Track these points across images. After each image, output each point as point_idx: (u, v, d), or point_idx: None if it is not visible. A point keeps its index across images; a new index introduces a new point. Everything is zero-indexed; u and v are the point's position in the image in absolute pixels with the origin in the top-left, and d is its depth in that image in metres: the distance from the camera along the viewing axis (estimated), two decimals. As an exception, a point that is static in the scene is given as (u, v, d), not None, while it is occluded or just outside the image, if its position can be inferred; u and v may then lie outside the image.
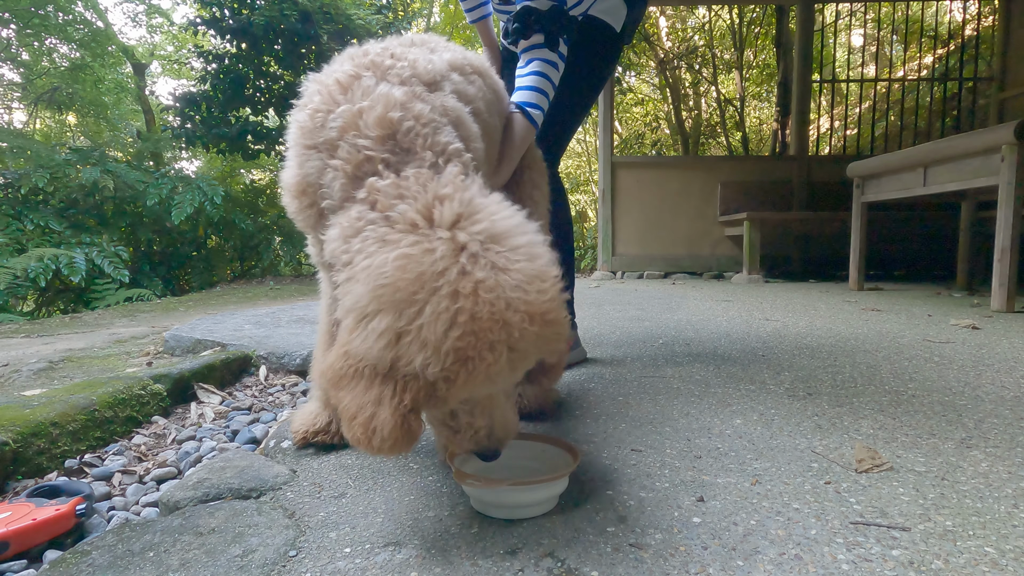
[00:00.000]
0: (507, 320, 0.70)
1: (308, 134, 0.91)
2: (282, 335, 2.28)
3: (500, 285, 0.71)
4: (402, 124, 0.85)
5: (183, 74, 12.63)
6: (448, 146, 0.87)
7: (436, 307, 0.69)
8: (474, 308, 0.69)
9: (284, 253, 7.86)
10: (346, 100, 0.88)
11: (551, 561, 0.74)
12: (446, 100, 0.96)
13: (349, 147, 0.85)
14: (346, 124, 0.86)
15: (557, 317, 0.74)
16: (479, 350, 0.69)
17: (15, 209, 5.49)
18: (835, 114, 7.45)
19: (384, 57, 0.96)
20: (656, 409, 1.38)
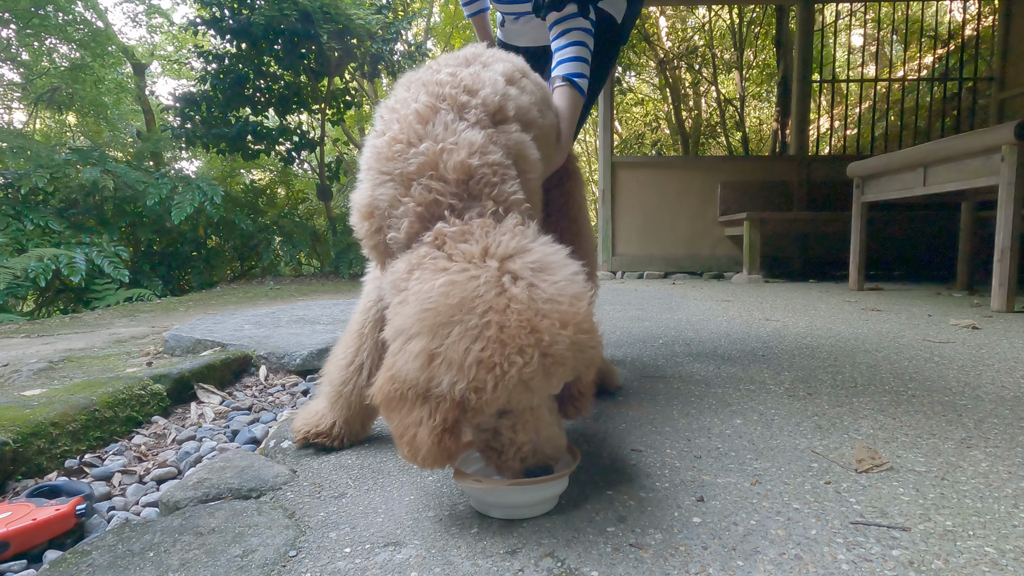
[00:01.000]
0: (536, 326, 0.74)
1: (385, 161, 0.94)
2: (282, 335, 2.28)
3: (533, 299, 0.76)
4: (477, 171, 0.91)
5: (183, 74, 12.63)
6: (511, 196, 0.94)
7: (464, 326, 0.74)
8: (502, 319, 0.74)
9: (284, 253, 7.85)
10: (426, 134, 0.93)
11: (551, 561, 0.74)
12: (511, 135, 1.02)
13: (423, 188, 0.90)
14: (427, 163, 0.91)
15: (590, 326, 0.79)
16: (507, 356, 0.73)
17: (15, 209, 5.48)
18: (835, 114, 7.45)
19: (458, 90, 1.00)
20: (656, 409, 1.38)
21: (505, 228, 0.86)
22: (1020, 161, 2.76)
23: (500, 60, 1.16)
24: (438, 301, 0.76)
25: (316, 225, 9.02)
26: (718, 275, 6.03)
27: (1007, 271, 2.87)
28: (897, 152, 3.64)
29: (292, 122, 8.28)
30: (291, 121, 8.22)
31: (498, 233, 0.85)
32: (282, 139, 7.71)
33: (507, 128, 1.03)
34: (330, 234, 8.17)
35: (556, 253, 0.86)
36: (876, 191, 3.93)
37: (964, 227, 4.05)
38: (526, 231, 0.88)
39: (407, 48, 8.70)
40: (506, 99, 1.05)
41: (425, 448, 0.78)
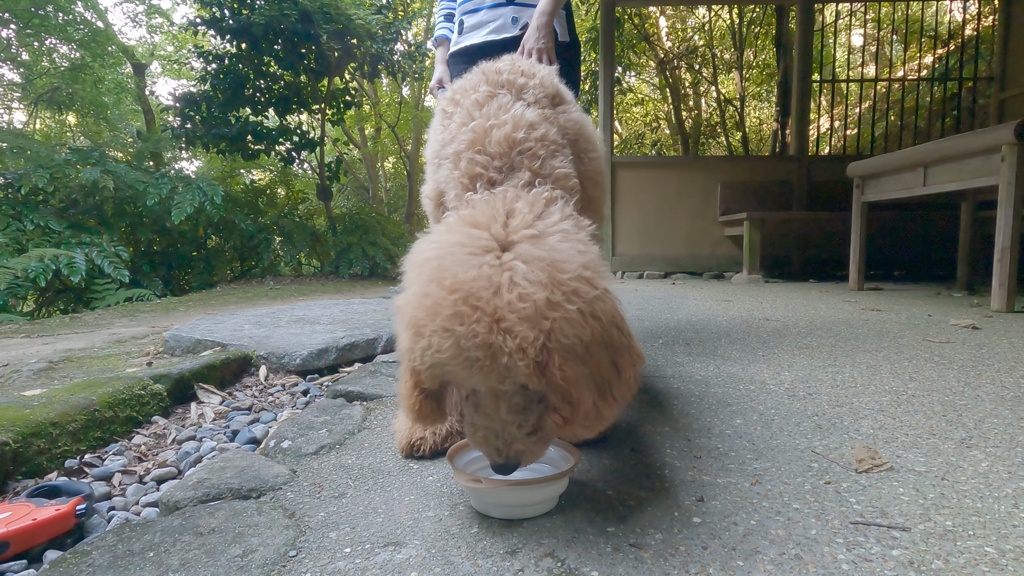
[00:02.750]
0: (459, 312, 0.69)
1: (444, 147, 0.98)
2: (282, 335, 2.28)
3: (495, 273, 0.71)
4: (522, 144, 0.92)
5: (183, 74, 12.63)
6: (556, 170, 0.92)
7: (412, 290, 0.74)
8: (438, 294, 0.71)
9: (284, 253, 7.86)
10: (481, 115, 0.95)
11: (551, 561, 0.74)
12: (570, 115, 1.04)
13: (468, 161, 0.92)
14: (475, 139, 0.93)
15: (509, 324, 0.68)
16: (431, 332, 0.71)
17: (15, 209, 5.48)
18: (835, 114, 7.45)
19: (516, 75, 1.03)
20: (656, 409, 1.38)
21: (529, 198, 0.84)
22: (1020, 161, 2.76)
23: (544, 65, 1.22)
24: (415, 262, 0.78)
25: (316, 225, 9.02)
26: (718, 275, 6.03)
27: (1007, 271, 2.87)
28: (897, 152, 3.63)
29: (292, 122, 8.29)
30: (291, 121, 8.22)
31: (518, 201, 0.83)
32: (282, 139, 7.71)
33: (567, 108, 1.05)
34: (330, 234, 8.17)
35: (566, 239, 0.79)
36: (876, 191, 3.93)
37: (964, 227, 4.05)
38: (550, 203, 0.85)
39: (407, 48, 8.71)
40: (561, 86, 1.09)
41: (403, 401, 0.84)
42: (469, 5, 2.11)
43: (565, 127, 1.01)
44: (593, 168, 1.08)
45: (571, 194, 0.93)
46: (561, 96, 1.07)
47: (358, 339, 2.19)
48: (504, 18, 2.05)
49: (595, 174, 1.10)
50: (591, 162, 1.07)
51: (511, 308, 0.69)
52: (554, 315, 0.69)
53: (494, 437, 0.78)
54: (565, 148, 0.97)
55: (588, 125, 1.09)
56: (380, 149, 14.60)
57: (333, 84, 7.92)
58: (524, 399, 0.77)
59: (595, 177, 1.10)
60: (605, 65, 6.02)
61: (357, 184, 14.65)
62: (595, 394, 0.75)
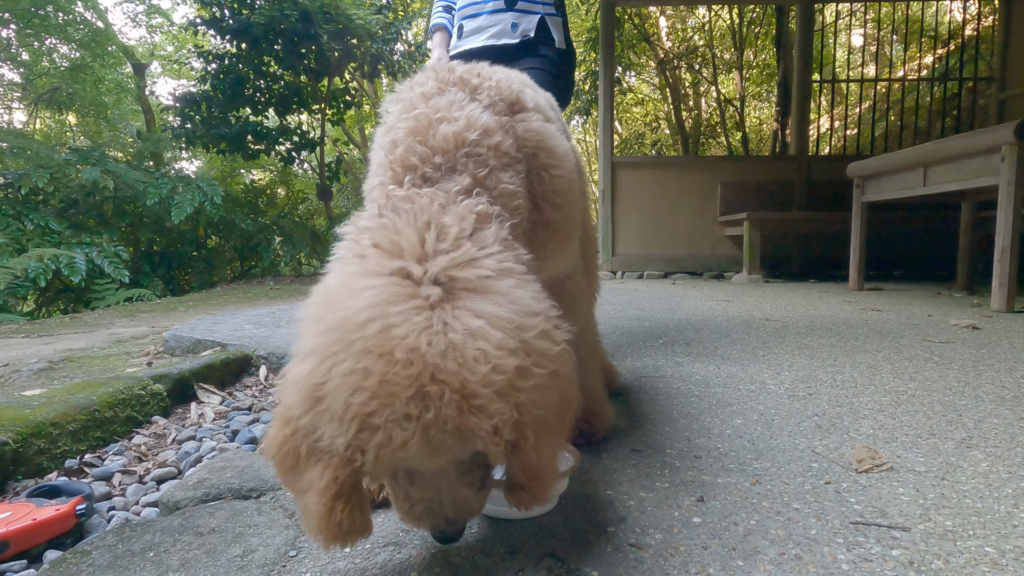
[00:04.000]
0: (424, 391, 0.56)
1: (383, 139, 0.86)
2: (282, 335, 2.28)
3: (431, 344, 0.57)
4: (471, 146, 0.79)
5: (183, 74, 12.63)
6: (501, 184, 0.80)
7: (344, 366, 0.56)
8: (387, 370, 0.55)
9: (284, 253, 7.86)
10: (427, 108, 0.82)
11: (551, 561, 0.74)
12: (530, 124, 0.92)
13: (406, 148, 0.79)
14: (417, 128, 0.80)
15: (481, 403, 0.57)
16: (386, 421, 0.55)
17: (15, 209, 5.48)
18: (835, 114, 7.45)
19: (471, 75, 0.91)
20: (656, 409, 1.38)
21: (459, 210, 0.70)
22: (1020, 161, 2.76)
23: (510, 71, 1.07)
24: (324, 311, 0.61)
25: (316, 225, 9.03)
26: (718, 275, 6.03)
27: (1007, 271, 2.87)
28: (897, 152, 3.63)
29: (292, 122, 8.29)
30: (291, 121, 8.23)
31: (442, 212, 0.69)
32: (282, 139, 7.71)
33: (527, 117, 0.92)
34: (330, 234, 8.17)
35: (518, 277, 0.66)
36: (876, 191, 3.93)
37: (964, 227, 4.05)
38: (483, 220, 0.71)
39: (407, 48, 8.71)
40: (523, 91, 0.97)
41: (314, 521, 0.61)
42: (469, 10, 2.11)
43: (524, 138, 0.88)
44: (554, 188, 0.92)
45: (513, 215, 0.79)
46: (522, 103, 0.94)
47: (358, 339, 2.19)
48: (504, 24, 2.07)
49: (556, 195, 0.93)
50: (553, 180, 0.92)
51: (484, 382, 0.57)
52: (526, 385, 0.60)
53: (440, 507, 0.65)
54: (519, 164, 0.85)
55: (552, 137, 0.94)
56: (380, 149, 14.59)
57: (333, 84, 7.92)
58: (472, 462, 0.66)
59: (556, 198, 0.93)
60: (605, 65, 6.02)
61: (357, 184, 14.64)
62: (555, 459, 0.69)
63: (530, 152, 0.90)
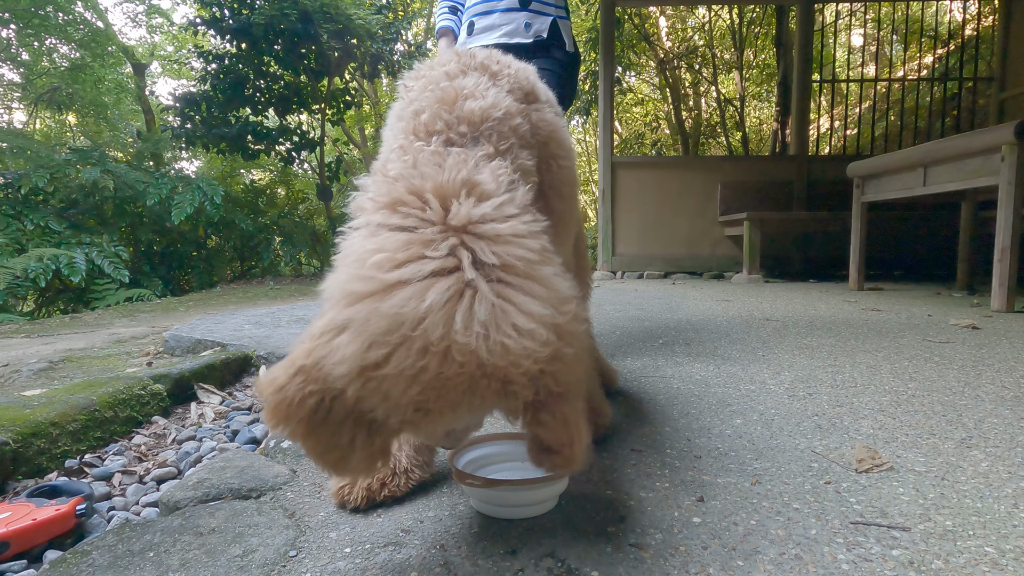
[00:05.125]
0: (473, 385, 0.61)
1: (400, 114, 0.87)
2: (282, 335, 2.28)
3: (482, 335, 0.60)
4: (494, 119, 0.81)
5: (183, 74, 12.63)
6: (520, 159, 0.82)
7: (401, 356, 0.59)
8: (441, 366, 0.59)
9: (284, 253, 7.86)
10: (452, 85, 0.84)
11: (551, 561, 0.74)
12: (543, 114, 0.95)
13: (432, 114, 0.80)
14: (444, 98, 0.82)
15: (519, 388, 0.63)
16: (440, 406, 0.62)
17: (15, 209, 5.48)
18: (835, 114, 7.45)
19: (490, 60, 0.94)
20: (656, 409, 1.38)
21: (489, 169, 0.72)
22: (1020, 161, 2.76)
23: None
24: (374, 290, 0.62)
25: (316, 225, 9.03)
26: (718, 275, 6.03)
27: (1007, 271, 2.87)
28: (897, 152, 3.64)
29: (292, 122, 8.29)
30: (291, 121, 8.23)
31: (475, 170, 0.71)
32: (282, 139, 7.71)
33: (540, 107, 0.96)
34: (330, 234, 8.17)
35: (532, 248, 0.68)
36: (876, 191, 3.93)
37: (964, 227, 4.05)
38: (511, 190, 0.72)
39: (407, 48, 8.71)
40: (537, 83, 1.01)
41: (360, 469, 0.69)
42: (481, 7, 2.12)
43: (537, 126, 0.92)
44: (562, 178, 0.96)
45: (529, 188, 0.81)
46: (536, 94, 0.97)
47: (358, 339, 2.19)
48: (517, 23, 2.07)
49: (563, 185, 0.97)
50: (561, 171, 0.95)
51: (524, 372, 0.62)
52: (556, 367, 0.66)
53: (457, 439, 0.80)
54: (533, 149, 0.89)
55: (562, 129, 0.99)
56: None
57: (333, 84, 7.93)
58: None
59: (563, 189, 0.97)
60: (605, 65, 6.02)
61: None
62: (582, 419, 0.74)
63: (542, 140, 0.93)
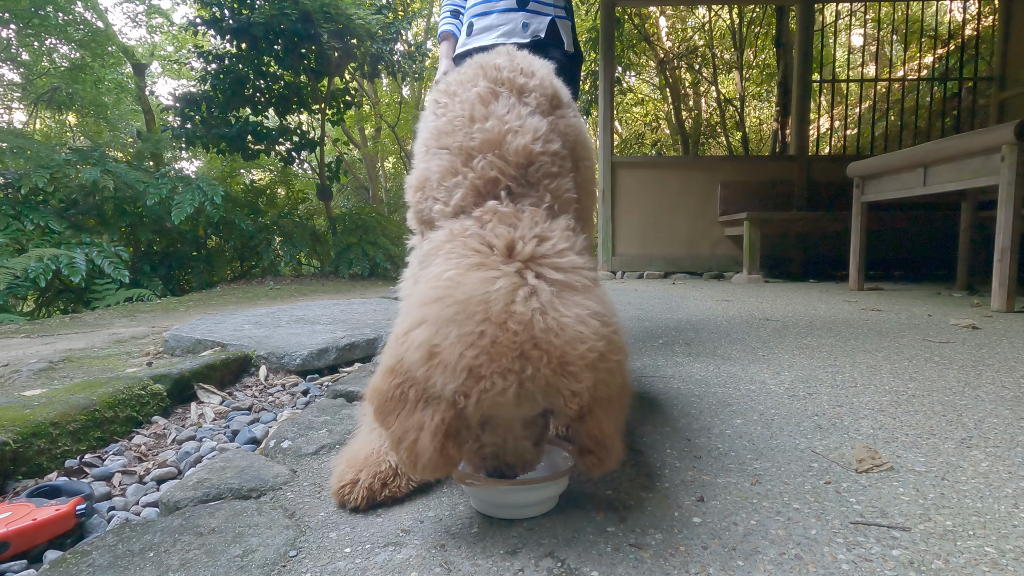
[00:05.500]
0: (526, 353, 0.70)
1: (443, 136, 0.94)
2: (282, 335, 2.28)
3: (534, 323, 0.71)
4: (538, 159, 0.89)
5: (183, 74, 12.64)
6: (566, 193, 0.92)
7: (462, 329, 0.70)
8: (496, 333, 0.70)
9: (284, 253, 7.85)
10: (489, 113, 0.92)
11: (551, 561, 0.74)
12: (569, 120, 1.01)
13: (487, 164, 0.88)
14: (491, 140, 0.89)
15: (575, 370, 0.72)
16: (491, 373, 0.69)
17: (15, 209, 5.48)
18: (835, 114, 7.45)
19: (516, 73, 0.99)
20: (656, 409, 1.38)
21: (556, 227, 0.84)
22: (1020, 161, 2.76)
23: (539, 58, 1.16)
24: (448, 291, 0.73)
25: (316, 225, 9.02)
26: (718, 275, 6.03)
27: (1007, 271, 2.87)
28: (897, 152, 3.63)
29: (292, 122, 8.28)
30: (291, 121, 8.22)
31: (546, 228, 0.83)
32: (282, 139, 7.71)
33: (565, 113, 1.01)
34: (330, 234, 8.17)
35: (589, 273, 0.81)
36: (876, 191, 3.93)
37: (964, 227, 4.05)
38: (573, 239, 0.85)
39: (407, 48, 8.71)
40: (558, 85, 1.06)
41: (427, 455, 0.74)
42: (480, 8, 2.12)
43: (565, 133, 0.98)
44: (586, 177, 1.06)
45: (576, 220, 0.94)
46: (559, 98, 1.03)
47: (358, 339, 2.19)
48: (515, 23, 2.08)
49: (588, 183, 1.07)
50: (585, 171, 1.05)
51: (580, 356, 0.71)
52: (604, 366, 0.74)
53: (504, 453, 0.81)
54: (567, 162, 0.95)
55: (584, 131, 1.06)
56: (380, 149, 14.60)
57: (333, 84, 7.92)
58: (535, 418, 0.82)
59: (588, 186, 1.08)
60: (605, 65, 6.02)
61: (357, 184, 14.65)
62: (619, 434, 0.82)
63: (570, 145, 1.00)
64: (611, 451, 0.81)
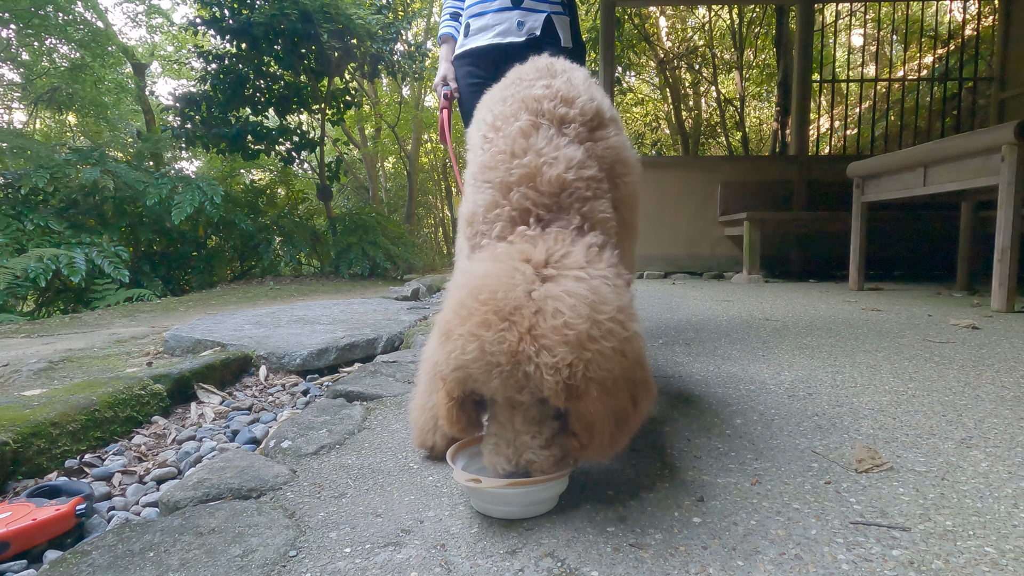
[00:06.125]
0: (486, 320, 0.76)
1: (487, 171, 1.01)
2: (282, 335, 2.28)
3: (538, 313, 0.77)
4: (571, 185, 0.95)
5: (183, 74, 12.64)
6: (599, 214, 0.97)
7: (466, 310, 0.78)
8: (472, 306, 0.78)
9: (284, 253, 7.85)
10: (529, 147, 0.98)
11: (551, 561, 0.74)
12: (609, 141, 1.06)
13: (520, 195, 0.95)
14: (527, 174, 0.96)
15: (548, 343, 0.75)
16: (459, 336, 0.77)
17: (15, 209, 5.48)
18: (835, 114, 7.45)
19: (556, 103, 1.03)
20: (656, 409, 1.38)
21: (579, 245, 0.89)
22: (1020, 161, 2.76)
23: (575, 67, 1.19)
24: (465, 284, 0.82)
25: (316, 225, 9.02)
26: (718, 275, 6.03)
27: (1007, 271, 2.86)
28: (897, 152, 3.63)
29: (292, 122, 8.28)
30: (291, 121, 8.22)
31: (567, 246, 0.88)
32: (282, 139, 7.71)
33: (605, 134, 1.06)
34: (330, 234, 8.17)
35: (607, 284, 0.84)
36: (876, 191, 3.93)
37: (964, 227, 4.05)
38: (599, 252, 0.90)
39: (407, 48, 8.71)
40: (600, 102, 1.09)
41: (444, 418, 0.89)
42: (476, 8, 2.13)
43: (603, 156, 1.03)
44: (628, 192, 1.11)
45: (609, 235, 0.98)
46: (600, 117, 1.07)
47: (358, 339, 2.19)
48: (510, 22, 2.07)
49: (630, 197, 1.13)
50: (626, 186, 1.10)
51: (555, 331, 0.75)
52: (593, 347, 0.76)
53: (505, 445, 0.83)
54: (604, 184, 1.00)
55: (625, 149, 1.10)
56: (380, 149, 14.61)
57: (333, 84, 7.92)
58: (540, 413, 0.83)
59: (629, 201, 1.13)
60: (605, 65, 6.02)
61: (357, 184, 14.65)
62: (613, 425, 0.82)
63: (608, 166, 1.04)
64: (598, 437, 0.82)
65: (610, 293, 0.82)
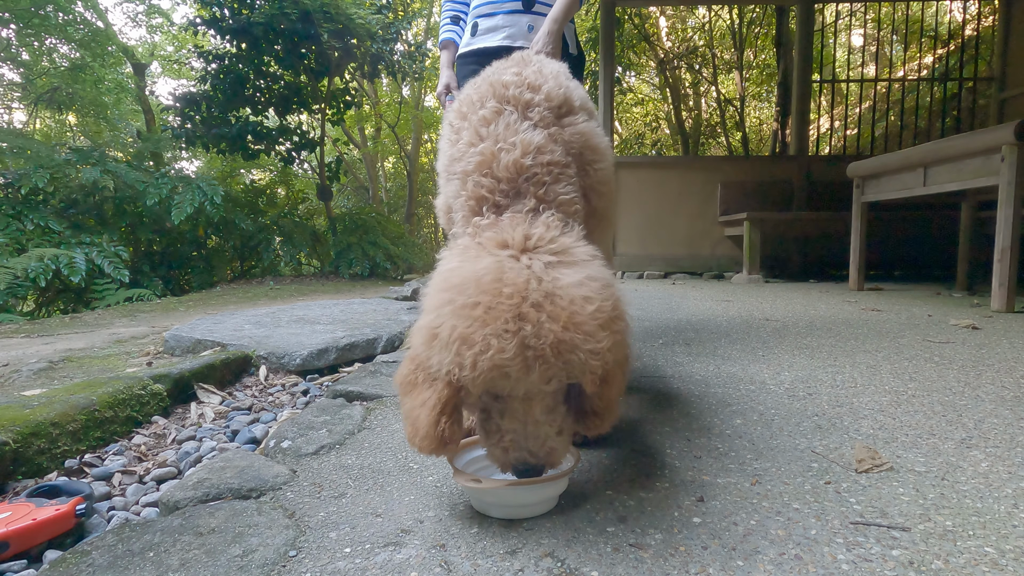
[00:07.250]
0: (524, 314, 0.72)
1: (455, 163, 1.00)
2: (282, 335, 2.28)
3: (531, 288, 0.74)
4: (529, 171, 0.94)
5: (183, 74, 12.63)
6: (559, 196, 0.95)
7: (455, 305, 0.74)
8: (491, 301, 0.73)
9: (284, 253, 7.85)
10: (488, 134, 0.97)
11: (551, 561, 0.74)
12: (576, 127, 1.04)
13: (474, 184, 0.94)
14: (483, 161, 0.95)
15: (592, 329, 0.73)
16: (485, 337, 0.71)
17: (15, 209, 5.48)
18: (835, 114, 7.45)
19: (522, 89, 1.03)
20: (656, 409, 1.38)
21: (539, 222, 0.88)
22: (1020, 161, 2.76)
23: (551, 61, 1.19)
24: (445, 280, 0.79)
25: (316, 225, 9.02)
26: (718, 275, 6.03)
27: (1007, 271, 2.86)
28: (897, 152, 3.63)
29: (292, 122, 8.28)
30: (291, 121, 8.22)
31: (528, 226, 0.86)
32: (282, 139, 7.71)
33: (573, 120, 1.05)
34: (330, 234, 8.17)
35: (582, 250, 0.84)
36: (876, 191, 3.93)
37: (964, 227, 4.05)
38: (558, 226, 0.88)
39: (407, 48, 8.71)
40: (569, 90, 1.08)
41: (423, 430, 0.79)
42: (485, 8, 2.12)
43: (570, 141, 1.02)
44: (599, 179, 1.09)
45: (574, 219, 0.95)
46: (569, 105, 1.06)
47: (358, 339, 2.19)
48: (520, 26, 2.08)
49: (600, 185, 1.10)
50: (597, 173, 1.08)
51: (592, 316, 0.74)
52: (618, 327, 0.78)
53: (525, 439, 0.80)
54: (569, 168, 0.98)
55: (595, 135, 1.08)
56: (380, 149, 14.61)
57: (333, 84, 7.92)
58: (555, 401, 0.82)
59: (600, 188, 1.10)
60: (605, 65, 6.02)
61: (357, 184, 14.65)
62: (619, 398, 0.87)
63: (576, 152, 1.03)
64: (613, 414, 0.86)
65: (607, 272, 0.83)
